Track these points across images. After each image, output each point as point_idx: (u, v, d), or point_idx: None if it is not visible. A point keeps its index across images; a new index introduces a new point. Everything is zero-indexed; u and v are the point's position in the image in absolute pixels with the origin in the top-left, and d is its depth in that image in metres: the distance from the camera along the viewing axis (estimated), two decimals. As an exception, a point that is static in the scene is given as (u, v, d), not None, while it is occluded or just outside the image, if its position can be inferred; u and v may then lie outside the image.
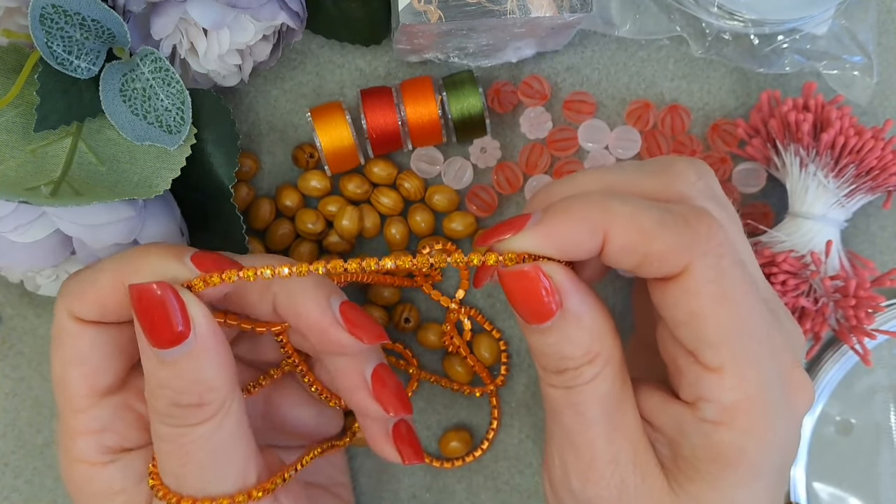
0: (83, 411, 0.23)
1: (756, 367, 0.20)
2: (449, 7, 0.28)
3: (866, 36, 0.34)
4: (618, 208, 0.20)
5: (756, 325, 0.20)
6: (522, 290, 0.21)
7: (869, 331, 0.31)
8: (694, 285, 0.20)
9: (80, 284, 0.23)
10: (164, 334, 0.20)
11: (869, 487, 0.35)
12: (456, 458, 0.34)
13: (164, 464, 0.22)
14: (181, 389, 0.21)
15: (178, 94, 0.29)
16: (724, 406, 0.20)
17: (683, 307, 0.20)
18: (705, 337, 0.20)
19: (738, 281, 0.20)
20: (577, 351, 0.21)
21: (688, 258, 0.20)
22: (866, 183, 0.32)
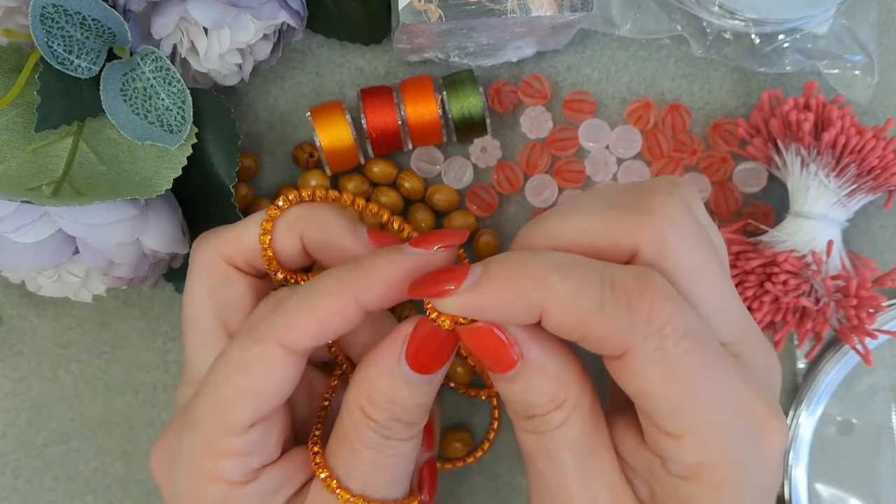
0: (239, 436, 0.22)
1: (717, 430, 0.20)
2: (449, 6, 0.28)
3: (867, 35, 0.34)
4: (557, 287, 0.19)
5: (714, 392, 0.20)
6: (480, 345, 0.21)
7: (870, 331, 0.31)
8: (637, 368, 0.19)
9: (294, 314, 0.22)
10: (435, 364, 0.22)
11: (870, 488, 0.35)
12: (457, 459, 0.34)
13: (356, 468, 0.22)
14: (409, 408, 0.22)
15: (179, 93, 0.29)
16: (688, 465, 0.20)
17: (632, 385, 0.20)
18: (659, 410, 0.20)
19: (684, 356, 0.19)
20: (543, 398, 0.21)
21: (628, 343, 0.19)
22: (867, 182, 0.32)
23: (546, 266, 0.20)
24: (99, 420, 0.35)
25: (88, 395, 0.35)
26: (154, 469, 0.25)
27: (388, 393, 0.22)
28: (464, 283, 0.20)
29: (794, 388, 0.35)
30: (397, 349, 0.22)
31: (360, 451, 0.22)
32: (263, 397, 0.22)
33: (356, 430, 0.22)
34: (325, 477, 0.23)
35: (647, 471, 0.21)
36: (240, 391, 0.22)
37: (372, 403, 0.22)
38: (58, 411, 0.35)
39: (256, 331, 0.22)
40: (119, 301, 0.35)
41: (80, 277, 0.30)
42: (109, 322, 0.35)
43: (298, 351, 0.22)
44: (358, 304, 0.22)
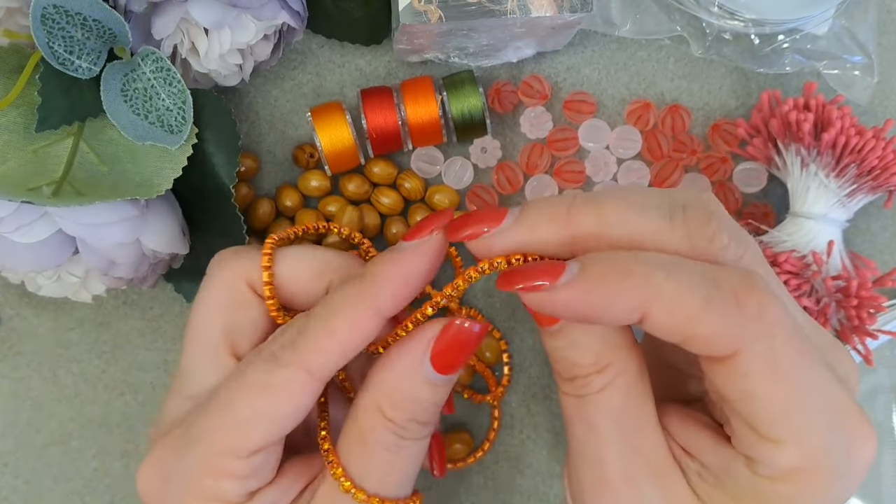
0: (244, 458, 0.22)
1: (817, 437, 0.19)
2: (449, 7, 0.28)
3: (866, 36, 0.34)
4: (663, 286, 0.18)
5: (816, 395, 0.19)
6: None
7: (871, 331, 0.31)
8: (746, 369, 0.19)
9: (315, 338, 0.22)
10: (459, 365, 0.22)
11: (871, 488, 0.35)
12: (457, 460, 0.34)
13: (371, 469, 0.22)
14: (428, 409, 0.22)
15: (180, 93, 0.29)
16: (782, 469, 0.19)
17: (734, 387, 0.19)
18: (761, 415, 0.19)
19: (793, 357, 0.19)
20: (586, 358, 0.20)
21: (737, 344, 0.18)
22: (867, 183, 0.32)
23: (649, 264, 0.19)
24: (99, 420, 0.35)
25: (88, 395, 0.35)
26: (142, 485, 0.24)
27: (408, 393, 0.22)
28: (560, 278, 0.19)
29: (795, 388, 0.35)
30: (422, 350, 0.22)
31: (377, 452, 0.22)
32: (279, 422, 0.22)
33: (373, 431, 0.22)
34: (340, 476, 0.22)
35: (720, 466, 0.20)
36: (259, 413, 0.22)
37: (392, 404, 0.22)
38: (57, 411, 0.35)
39: (280, 357, 0.22)
40: (119, 301, 0.35)
41: (79, 278, 0.30)
42: (109, 322, 0.35)
43: (324, 376, 0.22)
44: (377, 313, 0.22)
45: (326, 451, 0.23)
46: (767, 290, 0.19)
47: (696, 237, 0.20)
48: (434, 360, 0.22)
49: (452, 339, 0.22)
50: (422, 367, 0.22)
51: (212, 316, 0.24)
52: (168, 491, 0.23)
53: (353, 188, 0.34)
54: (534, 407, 0.35)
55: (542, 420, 0.35)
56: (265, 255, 0.24)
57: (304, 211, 0.34)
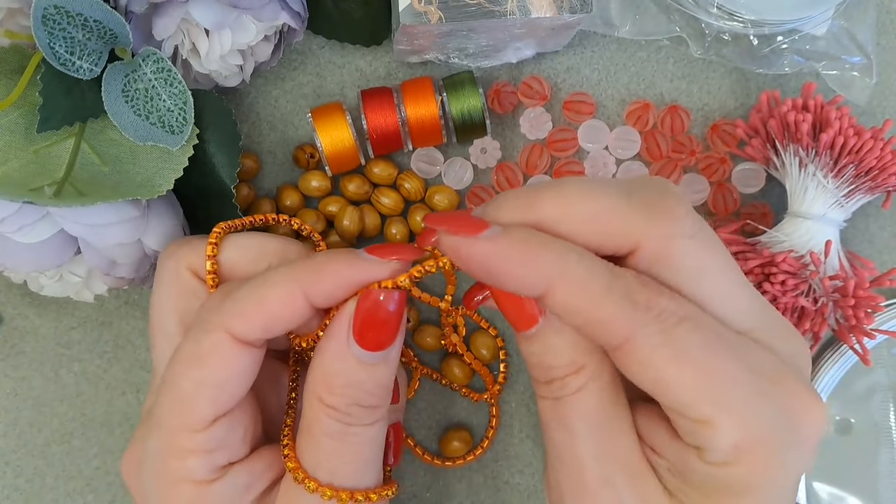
0: (201, 432, 0.22)
1: (746, 409, 0.19)
2: (449, 8, 0.28)
3: (865, 36, 0.34)
4: (572, 266, 0.19)
5: (733, 370, 0.19)
6: (506, 296, 0.21)
7: (868, 330, 0.31)
8: (643, 354, 0.19)
9: (245, 303, 0.22)
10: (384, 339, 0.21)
11: (868, 487, 0.35)
12: (456, 458, 0.34)
13: (320, 458, 0.22)
14: (370, 391, 0.22)
15: (181, 94, 0.29)
16: (725, 450, 0.19)
17: (643, 376, 0.20)
18: (679, 399, 0.19)
19: (691, 338, 0.19)
20: (561, 360, 0.21)
21: (629, 329, 0.19)
22: (865, 183, 0.32)
23: (565, 247, 0.20)
24: (100, 419, 0.35)
25: (90, 395, 0.35)
26: (125, 477, 0.24)
27: (343, 377, 0.21)
28: (484, 231, 0.20)
29: (793, 387, 0.36)
30: (344, 329, 0.21)
31: (322, 441, 0.22)
32: (221, 388, 0.22)
33: (316, 420, 0.22)
34: (293, 468, 0.22)
35: (680, 461, 0.21)
36: (197, 384, 0.22)
37: (329, 390, 0.22)
38: (59, 410, 0.35)
39: (206, 322, 0.22)
40: (120, 301, 0.35)
41: (81, 277, 0.30)
42: (111, 322, 0.35)
43: (249, 341, 0.22)
44: (306, 298, 0.22)
45: (285, 444, 0.23)
46: (656, 287, 0.20)
47: (654, 208, 0.20)
48: (358, 338, 0.21)
49: (369, 313, 0.21)
50: (349, 348, 0.21)
51: (166, 306, 0.25)
52: (143, 477, 0.23)
53: (354, 188, 0.34)
54: (533, 406, 0.35)
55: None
56: (210, 244, 0.24)
57: (305, 211, 0.34)
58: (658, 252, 0.20)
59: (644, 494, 0.21)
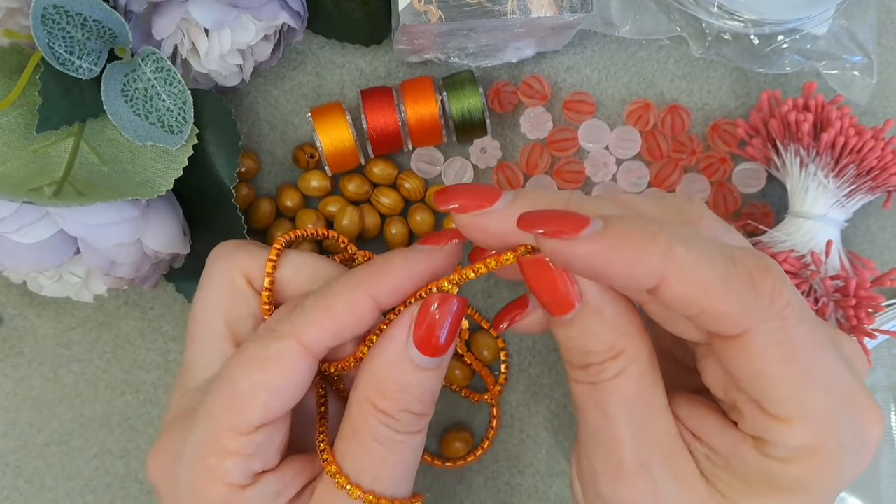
0: (246, 435, 0.22)
1: (826, 416, 0.19)
2: (449, 7, 0.28)
3: (866, 36, 0.34)
4: (682, 256, 0.18)
5: (826, 375, 0.20)
6: (542, 279, 0.20)
7: (869, 331, 0.31)
8: (757, 349, 0.19)
9: (311, 312, 0.22)
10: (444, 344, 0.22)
11: (870, 487, 0.35)
12: (456, 459, 0.34)
13: (365, 464, 0.22)
14: (419, 397, 0.22)
15: (180, 94, 0.29)
16: (793, 449, 0.19)
17: (746, 366, 0.19)
18: (771, 394, 0.19)
19: (804, 339, 0.19)
20: (600, 345, 0.20)
21: (749, 323, 0.19)
22: (866, 183, 0.32)
23: (671, 234, 0.19)
24: (100, 420, 0.35)
25: (89, 395, 0.35)
26: (152, 471, 0.24)
27: (397, 381, 0.22)
28: (584, 230, 0.18)
29: (794, 387, 0.36)
30: (404, 334, 0.22)
31: (370, 446, 0.22)
32: (278, 395, 0.22)
33: (366, 425, 0.22)
34: (335, 473, 0.22)
35: (729, 449, 0.21)
36: (256, 386, 0.22)
37: (382, 394, 0.22)
38: (59, 411, 0.35)
39: (276, 330, 0.22)
40: (120, 301, 0.35)
41: (81, 277, 0.30)
42: (110, 322, 0.35)
43: (316, 350, 0.22)
44: (373, 299, 0.22)
45: (322, 450, 0.23)
46: (781, 275, 0.19)
47: (684, 210, 0.21)
48: (418, 342, 0.21)
49: (432, 318, 0.21)
50: (407, 352, 0.22)
51: (214, 307, 0.25)
52: (177, 473, 0.23)
53: (354, 188, 0.34)
54: (533, 406, 0.35)
55: (541, 419, 0.35)
56: (270, 262, 0.24)
57: (305, 211, 0.34)
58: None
59: (679, 476, 0.21)
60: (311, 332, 0.22)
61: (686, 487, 0.21)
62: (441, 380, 0.23)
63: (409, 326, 0.22)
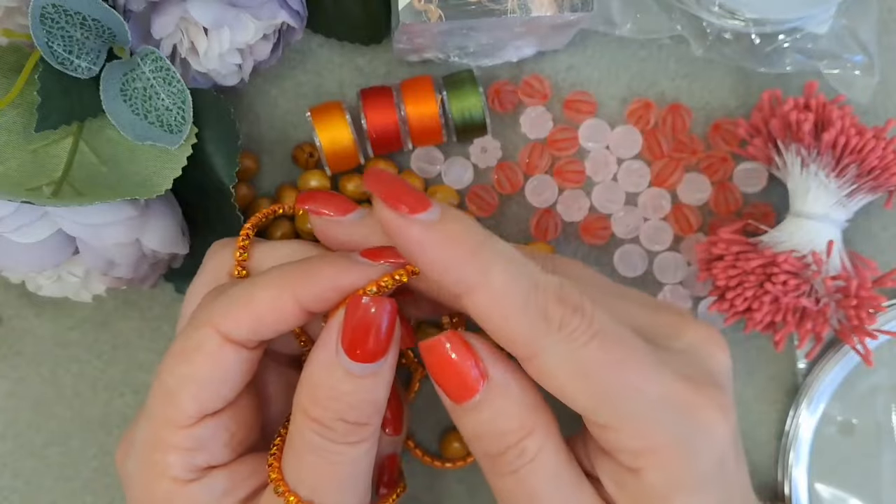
0: (184, 428, 0.22)
1: (645, 416, 0.20)
2: (449, 6, 0.28)
3: (868, 35, 0.34)
4: (494, 276, 0.19)
5: (631, 384, 0.20)
6: (441, 363, 0.21)
7: (870, 331, 0.31)
8: (546, 369, 0.20)
9: (234, 302, 0.22)
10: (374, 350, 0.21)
11: (871, 488, 0.35)
12: (456, 459, 0.34)
13: (301, 474, 0.22)
14: (355, 405, 0.21)
15: (179, 93, 0.29)
16: (634, 452, 0.21)
17: (548, 385, 0.20)
18: (584, 407, 0.20)
19: (595, 355, 0.20)
20: (513, 423, 0.21)
21: (537, 347, 0.20)
22: (868, 183, 0.32)
23: (493, 254, 0.20)
24: (99, 420, 0.35)
25: (88, 396, 0.35)
26: (118, 465, 0.24)
27: (329, 388, 0.21)
28: (422, 213, 0.19)
29: (795, 388, 0.35)
30: (334, 338, 0.21)
31: (304, 456, 0.21)
32: (205, 386, 0.22)
33: (300, 434, 0.21)
34: (275, 479, 0.22)
35: (613, 480, 0.21)
36: (181, 379, 0.22)
37: (314, 402, 0.21)
38: (57, 411, 0.35)
39: (197, 318, 0.22)
40: (119, 301, 0.35)
41: (79, 277, 0.30)
42: (109, 322, 0.35)
43: (237, 340, 0.22)
44: (296, 301, 0.21)
45: (272, 454, 0.23)
46: (577, 299, 0.20)
47: None
48: (347, 349, 0.20)
49: (360, 322, 0.20)
50: (337, 357, 0.20)
51: (196, 302, 0.24)
52: (129, 466, 0.23)
53: (353, 188, 0.34)
54: (534, 407, 0.35)
55: (542, 420, 0.35)
56: (241, 243, 0.24)
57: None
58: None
59: None
60: (229, 321, 0.21)
61: None
62: (385, 388, 0.21)
63: (338, 330, 0.21)
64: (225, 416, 0.23)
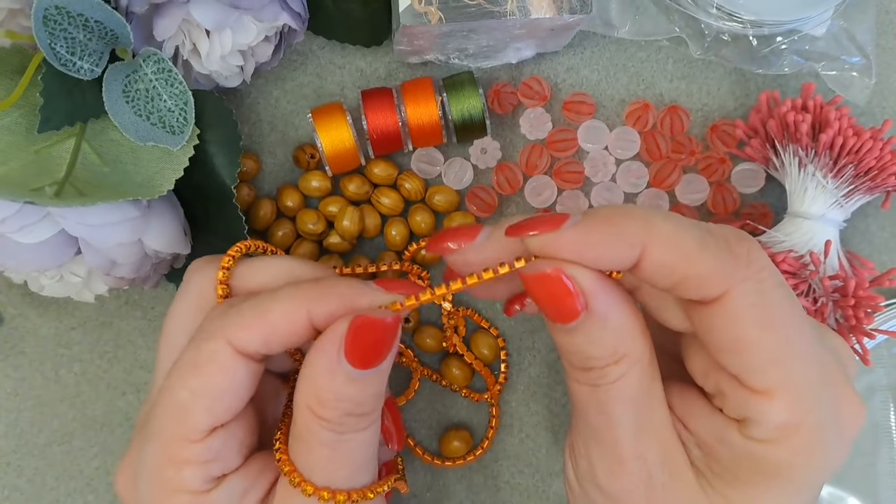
0: (198, 442, 0.22)
1: (806, 388, 0.20)
2: (449, 8, 0.28)
3: (865, 37, 0.34)
4: (660, 225, 0.20)
5: (805, 346, 0.20)
6: (546, 292, 0.20)
7: (868, 330, 0.31)
8: (736, 311, 0.19)
9: (245, 315, 0.22)
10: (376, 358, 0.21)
11: (868, 486, 0.35)
12: (456, 458, 0.34)
13: (314, 465, 0.22)
14: (360, 402, 0.22)
15: (181, 94, 0.29)
16: (774, 426, 0.20)
17: (726, 333, 0.20)
18: (752, 362, 0.20)
19: (782, 303, 0.20)
20: (603, 352, 0.21)
21: (728, 283, 0.19)
22: (865, 183, 0.32)
23: (648, 210, 0.20)
24: (101, 419, 0.35)
25: (90, 395, 0.35)
26: (120, 489, 0.24)
27: (334, 392, 0.21)
28: (564, 223, 0.20)
29: (793, 387, 0.36)
30: (335, 347, 0.21)
31: (316, 450, 0.22)
32: (219, 398, 0.22)
33: (309, 431, 0.22)
34: (288, 471, 0.22)
35: (714, 435, 0.21)
36: (194, 392, 0.22)
37: (320, 403, 0.21)
38: (60, 410, 0.35)
39: (207, 330, 0.22)
40: (121, 301, 0.35)
41: (82, 277, 0.30)
42: (111, 322, 0.35)
43: (248, 352, 0.22)
44: (309, 317, 0.22)
45: (277, 448, 0.23)
46: (756, 244, 0.20)
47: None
48: (349, 357, 0.21)
49: (362, 334, 0.21)
50: (339, 365, 0.21)
51: (183, 321, 0.24)
52: (140, 487, 0.23)
53: (354, 189, 0.34)
54: (533, 406, 0.35)
55: (541, 419, 0.35)
56: (222, 269, 0.24)
57: (305, 211, 0.34)
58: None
59: (673, 468, 0.21)
60: (242, 333, 0.22)
61: (677, 479, 0.21)
62: (384, 381, 0.22)
63: (339, 339, 0.21)
64: (234, 425, 0.23)
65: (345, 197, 0.34)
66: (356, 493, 0.22)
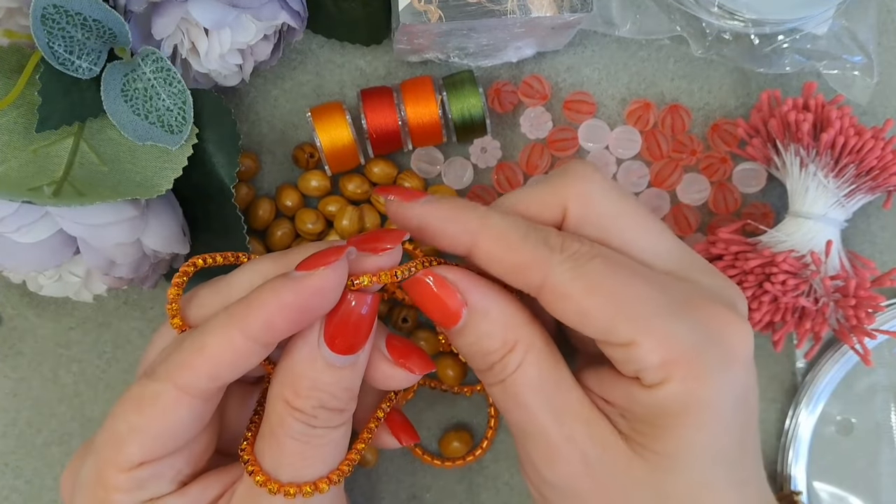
0: (126, 472, 0.22)
1: (665, 324, 0.21)
2: (449, 7, 0.28)
3: (866, 36, 0.34)
4: (493, 220, 0.23)
5: (644, 295, 0.21)
6: (426, 297, 0.23)
7: (869, 330, 0.31)
8: (562, 288, 0.22)
9: (185, 354, 0.22)
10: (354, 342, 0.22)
11: (869, 487, 0.35)
12: (456, 458, 0.34)
13: (282, 461, 0.22)
14: (335, 394, 0.22)
15: (180, 93, 0.29)
16: (655, 367, 0.21)
17: (569, 311, 0.22)
18: (601, 325, 0.21)
19: (601, 270, 0.22)
20: (495, 343, 0.22)
21: (545, 268, 0.22)
22: (866, 183, 0.32)
23: (488, 208, 0.24)
24: (99, 420, 0.35)
25: (89, 395, 0.35)
26: (63, 494, 0.25)
27: (311, 379, 0.22)
28: (420, 199, 0.23)
29: (794, 387, 0.36)
30: (315, 333, 0.22)
31: (287, 444, 0.22)
32: (155, 438, 0.22)
33: (281, 423, 0.22)
34: (252, 472, 0.22)
35: (625, 398, 0.22)
36: (132, 428, 0.22)
37: (296, 393, 0.22)
38: (58, 411, 0.35)
39: (155, 371, 0.22)
40: (119, 301, 0.35)
41: (80, 277, 0.30)
42: (110, 322, 0.35)
43: (196, 392, 0.22)
44: (246, 337, 0.21)
45: (243, 449, 0.23)
46: (570, 234, 0.23)
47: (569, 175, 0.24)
48: (328, 341, 0.22)
49: (342, 318, 0.22)
50: (318, 350, 0.22)
51: (163, 342, 0.24)
52: (75, 500, 0.24)
53: (353, 188, 0.34)
54: (533, 406, 0.35)
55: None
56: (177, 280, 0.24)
57: (304, 211, 0.34)
58: (581, 207, 0.23)
59: (602, 441, 0.22)
60: (186, 374, 0.22)
61: (610, 451, 0.22)
62: (359, 376, 0.23)
63: (319, 326, 0.22)
64: (170, 458, 0.23)
65: (344, 196, 0.34)
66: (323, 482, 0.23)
